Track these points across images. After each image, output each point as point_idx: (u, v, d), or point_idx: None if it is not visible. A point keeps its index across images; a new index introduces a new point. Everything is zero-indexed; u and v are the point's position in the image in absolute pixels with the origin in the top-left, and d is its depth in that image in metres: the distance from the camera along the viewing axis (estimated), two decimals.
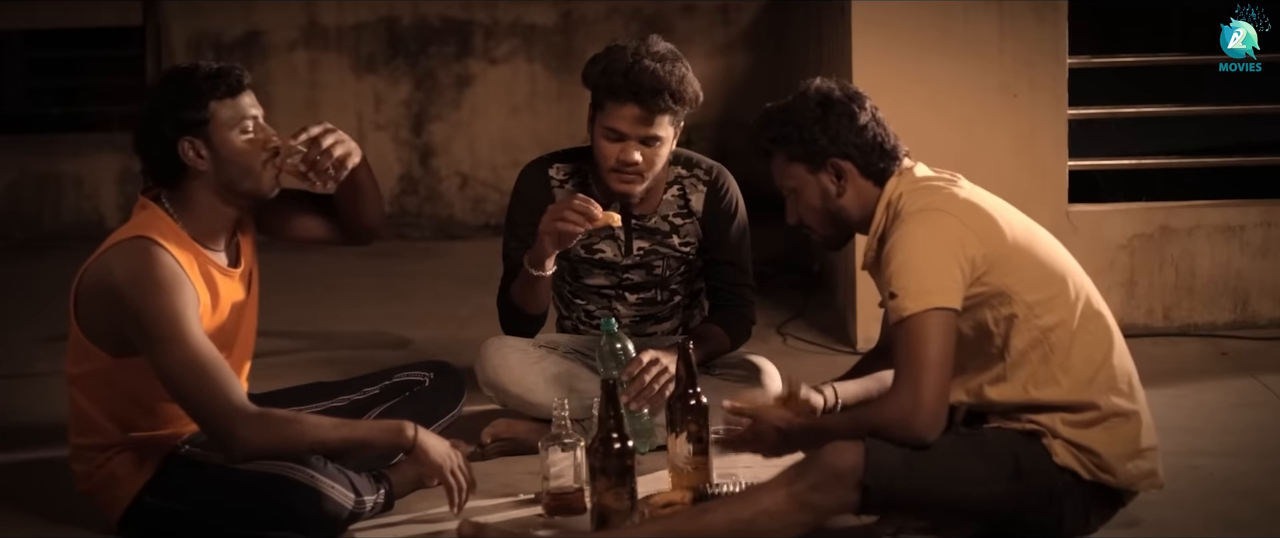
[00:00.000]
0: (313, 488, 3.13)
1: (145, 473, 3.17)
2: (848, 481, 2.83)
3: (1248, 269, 5.14)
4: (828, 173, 3.10)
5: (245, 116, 3.18)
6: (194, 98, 3.13)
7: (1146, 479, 3.00)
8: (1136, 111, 5.43)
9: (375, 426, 3.20)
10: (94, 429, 3.18)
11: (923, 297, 2.87)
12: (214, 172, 3.16)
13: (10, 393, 4.81)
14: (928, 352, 2.85)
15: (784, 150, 3.13)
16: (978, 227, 2.95)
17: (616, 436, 3.03)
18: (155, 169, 3.19)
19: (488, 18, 8.65)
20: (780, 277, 6.28)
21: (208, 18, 8.62)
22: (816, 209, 3.15)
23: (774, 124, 3.13)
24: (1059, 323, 2.96)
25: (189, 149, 3.14)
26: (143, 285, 3.01)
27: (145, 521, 3.19)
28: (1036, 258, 2.99)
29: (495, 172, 8.45)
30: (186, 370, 2.98)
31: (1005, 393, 2.99)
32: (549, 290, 3.84)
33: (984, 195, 3.06)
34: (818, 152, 3.09)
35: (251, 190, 3.21)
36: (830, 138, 3.07)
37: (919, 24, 4.96)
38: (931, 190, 3.03)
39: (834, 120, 3.07)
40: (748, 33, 8.62)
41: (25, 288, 6.98)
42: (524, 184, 3.91)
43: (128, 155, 8.44)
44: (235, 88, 3.17)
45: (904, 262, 2.91)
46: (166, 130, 3.14)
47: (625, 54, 3.68)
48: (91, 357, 3.13)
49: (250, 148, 3.17)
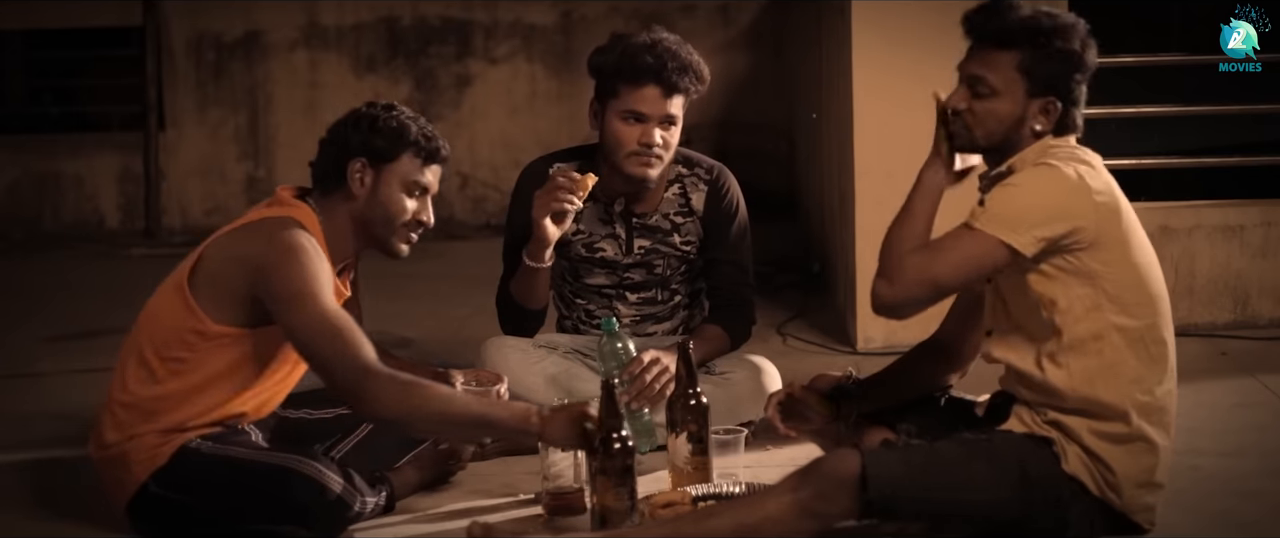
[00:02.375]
0: (317, 482, 3.14)
1: (157, 461, 3.17)
2: (848, 487, 2.82)
3: (1248, 269, 5.14)
4: (1040, 102, 2.97)
5: (421, 184, 3.30)
6: (394, 134, 3.26)
7: (1146, 513, 2.98)
8: (1136, 111, 5.43)
9: (503, 406, 3.24)
10: (148, 410, 3.18)
11: (997, 222, 2.87)
12: (364, 203, 3.26)
13: (10, 393, 4.81)
14: (956, 253, 2.87)
15: (1027, 55, 2.96)
16: (1097, 203, 2.90)
17: (616, 435, 3.03)
18: (321, 165, 3.31)
19: (488, 18, 8.65)
20: (780, 277, 6.28)
21: (208, 18, 8.62)
22: (1000, 119, 2.99)
23: (1037, 29, 2.96)
24: (1129, 328, 2.92)
25: (356, 171, 3.25)
26: (287, 248, 3.10)
27: (150, 510, 3.19)
28: (1141, 271, 2.95)
29: (495, 172, 8.45)
30: (323, 326, 3.04)
31: (1056, 377, 2.93)
32: (547, 285, 3.85)
33: (1117, 189, 3.00)
34: (1055, 85, 2.97)
35: (381, 241, 3.32)
36: (1071, 79, 2.98)
37: (919, 24, 4.95)
38: (1072, 154, 2.98)
39: (1083, 67, 2.99)
40: (747, 33, 8.62)
41: (25, 288, 6.98)
42: (525, 184, 3.91)
43: (128, 155, 8.53)
44: (432, 157, 3.31)
45: (1011, 190, 2.90)
46: (352, 141, 3.26)
47: (643, 38, 3.76)
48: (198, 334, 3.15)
49: (403, 209, 3.27)
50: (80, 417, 4.03)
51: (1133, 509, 2.96)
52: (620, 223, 3.92)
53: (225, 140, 8.67)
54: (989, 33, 2.99)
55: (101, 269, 7.47)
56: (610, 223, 3.92)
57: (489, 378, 3.61)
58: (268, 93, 8.65)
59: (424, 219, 3.32)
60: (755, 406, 3.83)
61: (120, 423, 3.19)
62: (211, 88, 8.65)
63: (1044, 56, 2.95)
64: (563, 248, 3.93)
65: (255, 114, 8.67)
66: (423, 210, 3.32)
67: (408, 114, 3.32)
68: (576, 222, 3.90)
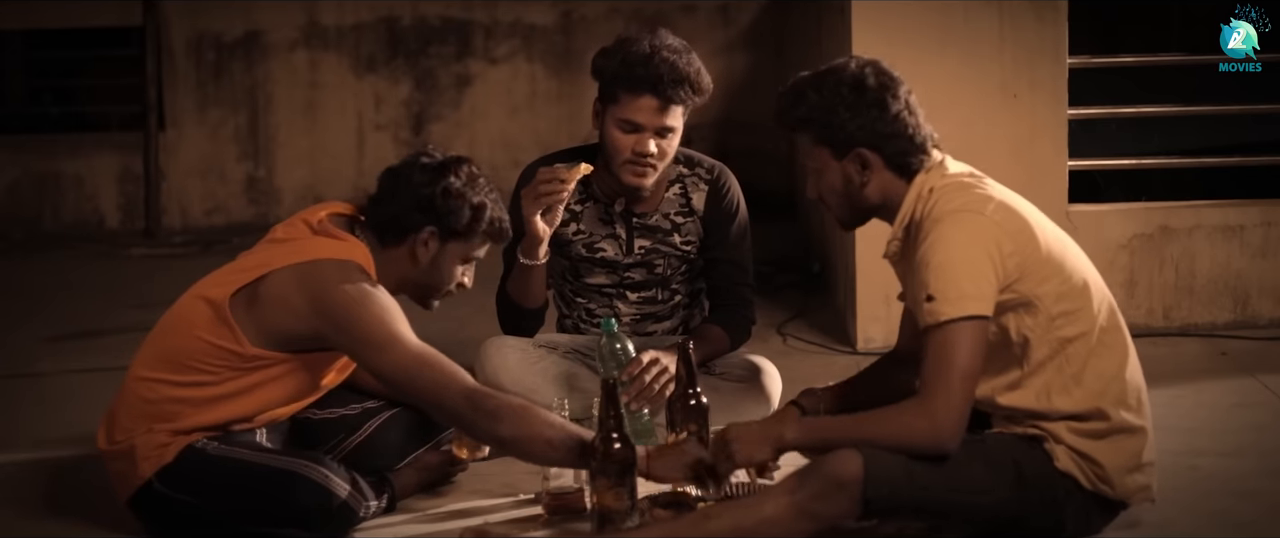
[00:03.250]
0: (323, 486, 3.14)
1: (163, 459, 3.17)
2: (850, 490, 2.82)
3: (1248, 269, 5.14)
4: (852, 162, 3.00)
5: (475, 258, 3.35)
6: (473, 216, 3.28)
7: (1141, 493, 3.00)
8: (1137, 111, 5.43)
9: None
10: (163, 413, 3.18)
11: (961, 303, 2.83)
12: (420, 269, 3.30)
13: (11, 393, 4.81)
14: (960, 361, 2.81)
15: (809, 132, 3.02)
16: (1014, 232, 2.91)
17: (617, 435, 3.03)
18: (387, 213, 3.29)
19: (488, 18, 8.65)
20: (780, 276, 6.27)
21: (208, 18, 8.62)
22: (837, 192, 3.05)
23: (803, 104, 3.01)
24: (1080, 335, 2.94)
25: (425, 240, 3.27)
26: (359, 300, 3.12)
27: (152, 506, 3.19)
28: (1066, 269, 2.96)
29: (495, 172, 8.40)
30: (419, 363, 3.10)
31: (1018, 400, 2.97)
32: (544, 283, 3.85)
33: (1015, 198, 3.01)
34: (844, 139, 2.98)
35: (419, 299, 3.37)
36: (858, 126, 2.96)
37: (919, 24, 4.95)
38: (964, 189, 2.96)
39: (865, 109, 2.96)
40: (748, 33, 8.61)
41: (25, 288, 6.97)
42: (525, 184, 3.91)
43: (128, 155, 8.52)
44: (499, 239, 3.38)
45: (942, 264, 2.85)
46: (435, 209, 3.26)
47: (642, 45, 3.70)
48: (231, 353, 3.15)
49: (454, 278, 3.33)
50: (81, 417, 4.03)
51: (1128, 494, 2.99)
52: (620, 223, 3.92)
53: (225, 140, 8.66)
54: (784, 125, 3.07)
55: (101, 269, 7.46)
56: (610, 223, 3.92)
57: None
58: (268, 93, 8.64)
59: (466, 283, 3.37)
60: (756, 406, 3.84)
61: (135, 417, 3.19)
62: (211, 88, 8.64)
63: (823, 123, 2.99)
64: (563, 247, 3.93)
65: (255, 114, 8.66)
66: (465, 274, 3.36)
67: (486, 188, 3.33)
68: (577, 222, 3.90)
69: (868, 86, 2.97)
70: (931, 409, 2.82)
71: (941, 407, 2.81)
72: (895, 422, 2.87)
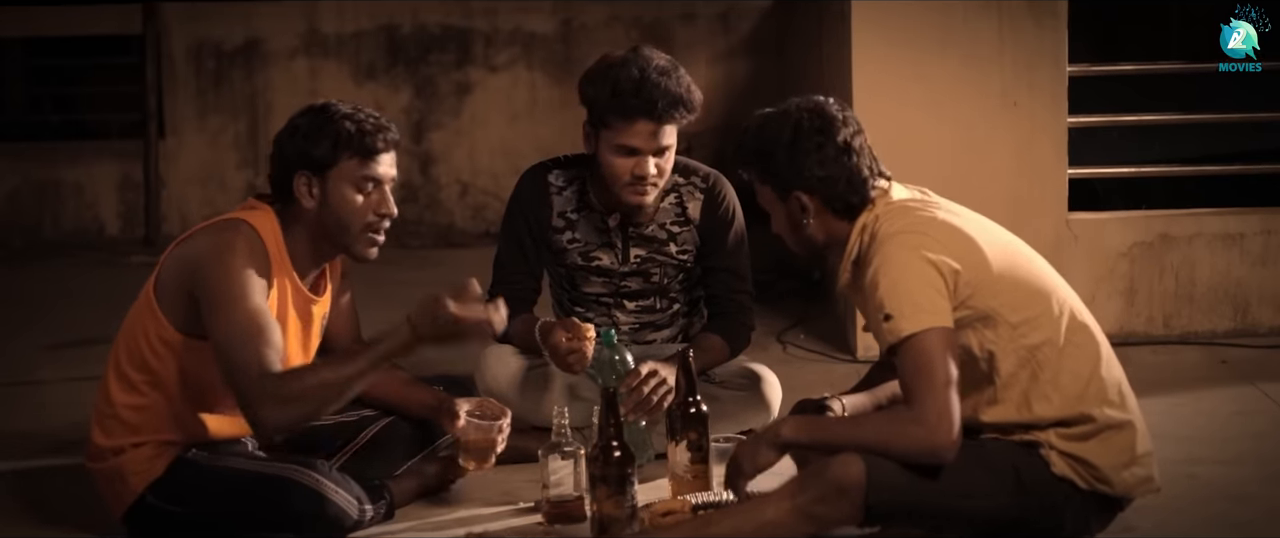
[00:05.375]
0: (316, 492, 3.14)
1: (154, 472, 3.16)
2: (851, 495, 2.83)
3: (1248, 277, 5.14)
4: (793, 203, 3.05)
5: (371, 179, 3.19)
6: (328, 140, 3.16)
7: (1143, 485, 3.00)
8: (1136, 119, 5.43)
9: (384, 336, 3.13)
10: (130, 422, 3.18)
11: (918, 316, 2.85)
12: (318, 214, 3.19)
13: (10, 401, 4.80)
14: (936, 370, 2.83)
15: (753, 172, 3.10)
16: (956, 249, 2.92)
17: (617, 444, 3.03)
18: (273, 180, 3.24)
19: (488, 25, 8.64)
20: (780, 284, 6.27)
21: (208, 25, 8.61)
22: (786, 230, 3.12)
23: (747, 145, 3.09)
24: (1045, 341, 2.95)
25: (302, 184, 3.18)
26: (218, 248, 3.05)
27: (147, 520, 3.19)
28: (1018, 277, 2.97)
29: (496, 179, 8.43)
30: (242, 329, 2.99)
31: (998, 414, 2.97)
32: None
33: (963, 214, 3.03)
34: (782, 183, 3.04)
35: (344, 248, 3.24)
36: (794, 171, 3.01)
37: (919, 29, 4.95)
38: (906, 212, 2.99)
39: (799, 153, 3.00)
40: (748, 39, 8.61)
41: (25, 296, 6.97)
42: (522, 190, 3.92)
43: (128, 164, 8.52)
44: (372, 150, 3.18)
45: (891, 284, 2.87)
46: (290, 155, 3.18)
47: (630, 70, 3.66)
48: (165, 343, 3.14)
49: (356, 210, 3.18)
50: (80, 425, 4.02)
51: (1128, 489, 2.99)
52: (616, 233, 3.92)
53: (225, 148, 8.66)
54: (737, 162, 3.13)
55: (102, 277, 7.45)
56: (606, 232, 3.92)
57: (494, 410, 3.53)
58: (268, 100, 8.63)
59: (384, 212, 3.23)
60: (755, 414, 3.83)
61: (108, 433, 3.20)
62: (211, 95, 8.64)
63: (762, 166, 3.05)
64: (559, 255, 3.93)
65: (255, 121, 8.65)
66: (380, 204, 3.22)
67: (341, 111, 3.20)
68: (572, 230, 3.90)
69: (804, 129, 3.01)
70: (922, 416, 2.83)
71: (932, 412, 2.82)
72: (892, 426, 2.88)
